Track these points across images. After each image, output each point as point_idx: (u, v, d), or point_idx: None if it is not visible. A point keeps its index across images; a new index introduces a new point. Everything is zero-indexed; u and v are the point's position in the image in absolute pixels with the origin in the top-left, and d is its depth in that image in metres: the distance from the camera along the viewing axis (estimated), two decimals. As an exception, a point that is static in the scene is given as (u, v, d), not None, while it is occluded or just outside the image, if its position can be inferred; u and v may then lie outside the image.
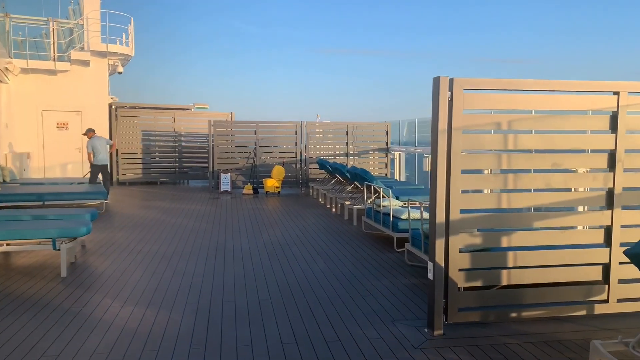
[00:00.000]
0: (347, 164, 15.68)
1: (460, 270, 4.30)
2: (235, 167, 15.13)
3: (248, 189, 14.58)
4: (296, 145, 15.38)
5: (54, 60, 14.99)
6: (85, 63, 15.37)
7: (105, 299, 5.09)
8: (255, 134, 15.16)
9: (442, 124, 4.13)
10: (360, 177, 9.65)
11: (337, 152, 15.74)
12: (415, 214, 7.32)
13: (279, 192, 14.56)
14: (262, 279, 5.84)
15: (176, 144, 17.18)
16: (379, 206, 8.07)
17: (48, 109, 15.32)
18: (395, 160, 15.90)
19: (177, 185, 16.74)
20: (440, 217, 4.20)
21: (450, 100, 4.12)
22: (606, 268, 4.56)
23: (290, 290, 5.40)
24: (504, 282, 4.43)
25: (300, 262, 6.60)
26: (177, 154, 17.22)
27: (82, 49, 15.19)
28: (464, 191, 4.25)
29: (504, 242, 4.41)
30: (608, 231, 4.55)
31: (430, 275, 4.27)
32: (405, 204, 7.95)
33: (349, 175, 10.71)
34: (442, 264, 4.23)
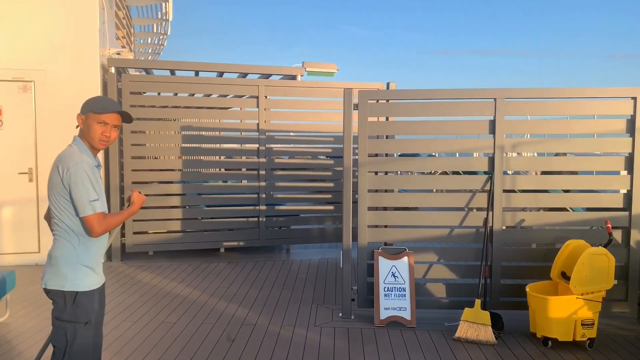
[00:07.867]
0: None
1: None
2: (414, 237, 4.84)
3: (476, 323, 4.18)
4: (631, 166, 4.67)
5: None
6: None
7: None
8: (494, 133, 4.73)
9: None
10: None
11: None
12: None
13: (591, 340, 4.00)
14: None
15: (265, 160, 7.32)
16: None
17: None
18: None
19: (264, 260, 6.84)
20: None
21: None
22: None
23: None
24: None
25: None
26: (265, 184, 7.35)
27: None
28: None
29: None
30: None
31: None
32: None
33: None
34: None
